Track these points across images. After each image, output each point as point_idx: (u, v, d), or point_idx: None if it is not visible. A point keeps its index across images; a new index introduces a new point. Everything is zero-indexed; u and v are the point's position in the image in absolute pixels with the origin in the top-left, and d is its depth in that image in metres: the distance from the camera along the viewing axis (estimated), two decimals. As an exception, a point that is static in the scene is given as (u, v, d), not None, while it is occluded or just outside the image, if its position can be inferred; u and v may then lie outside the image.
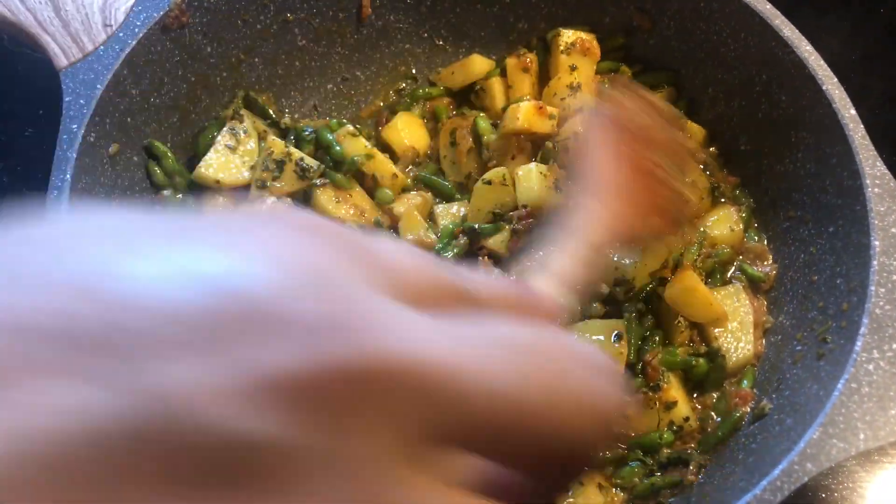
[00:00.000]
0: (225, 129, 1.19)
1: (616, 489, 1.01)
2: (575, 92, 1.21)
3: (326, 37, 1.32)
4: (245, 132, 1.20)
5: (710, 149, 1.24)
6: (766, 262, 1.16)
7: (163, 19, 1.09)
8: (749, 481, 0.87)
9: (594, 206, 0.72)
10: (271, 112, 1.26)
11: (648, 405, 1.03)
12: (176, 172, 1.17)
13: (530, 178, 1.12)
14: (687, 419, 1.03)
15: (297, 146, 1.20)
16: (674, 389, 1.04)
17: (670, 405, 1.03)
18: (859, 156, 0.99)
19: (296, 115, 1.32)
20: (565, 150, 1.15)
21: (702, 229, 1.16)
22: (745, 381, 1.07)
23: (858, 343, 0.90)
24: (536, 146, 1.21)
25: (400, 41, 1.34)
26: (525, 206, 1.11)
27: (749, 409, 1.05)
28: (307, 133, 1.22)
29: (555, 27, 1.28)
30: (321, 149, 1.21)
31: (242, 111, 1.23)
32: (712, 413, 1.06)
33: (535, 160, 1.18)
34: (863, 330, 0.91)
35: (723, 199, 1.21)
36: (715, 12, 1.17)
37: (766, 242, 1.18)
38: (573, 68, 1.23)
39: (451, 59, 1.36)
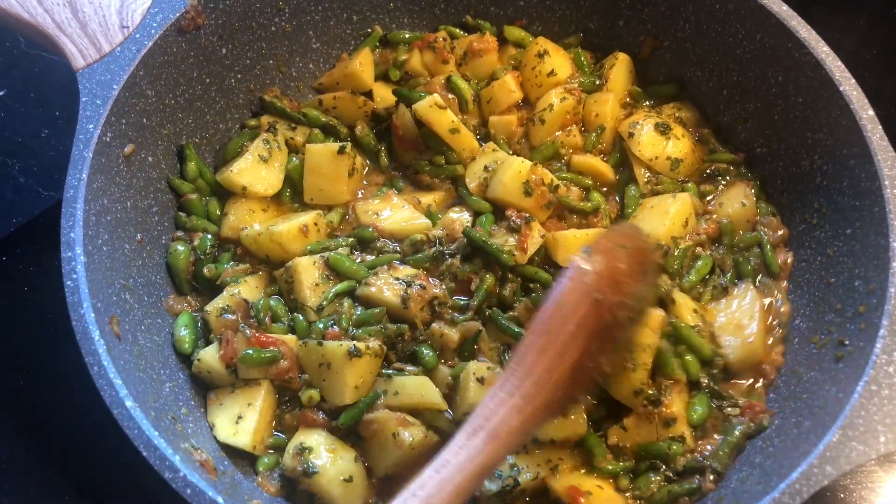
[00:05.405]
0: (259, 139, 1.20)
1: (635, 501, 1.00)
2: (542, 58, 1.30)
3: (340, 40, 1.33)
4: (279, 147, 1.21)
5: (731, 154, 1.24)
6: (780, 234, 1.16)
7: (179, 21, 1.10)
8: (767, 484, 0.86)
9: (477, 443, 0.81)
10: (288, 109, 1.26)
11: (648, 419, 1.01)
12: (200, 176, 1.19)
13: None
14: (683, 438, 1.01)
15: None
16: (675, 406, 1.02)
17: (670, 422, 1.01)
18: (877, 157, 0.98)
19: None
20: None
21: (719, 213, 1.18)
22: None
23: (878, 345, 0.89)
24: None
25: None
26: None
27: (754, 423, 1.02)
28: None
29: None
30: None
31: (278, 124, 1.24)
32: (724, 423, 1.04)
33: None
34: (882, 332, 0.90)
35: (728, 178, 1.22)
36: (730, 14, 1.16)
37: (779, 219, 1.17)
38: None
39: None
